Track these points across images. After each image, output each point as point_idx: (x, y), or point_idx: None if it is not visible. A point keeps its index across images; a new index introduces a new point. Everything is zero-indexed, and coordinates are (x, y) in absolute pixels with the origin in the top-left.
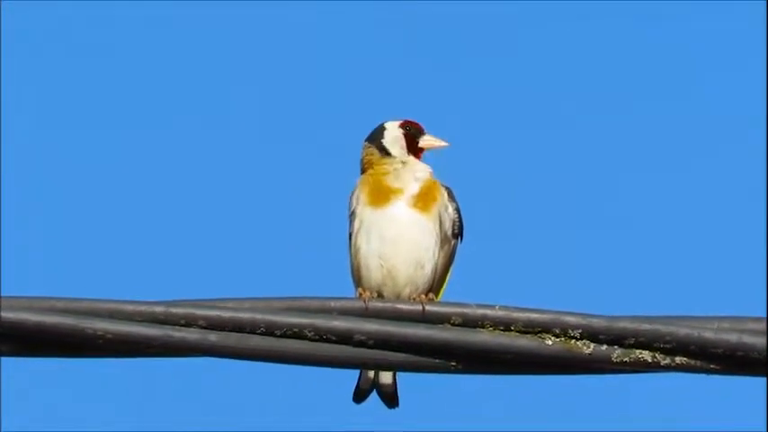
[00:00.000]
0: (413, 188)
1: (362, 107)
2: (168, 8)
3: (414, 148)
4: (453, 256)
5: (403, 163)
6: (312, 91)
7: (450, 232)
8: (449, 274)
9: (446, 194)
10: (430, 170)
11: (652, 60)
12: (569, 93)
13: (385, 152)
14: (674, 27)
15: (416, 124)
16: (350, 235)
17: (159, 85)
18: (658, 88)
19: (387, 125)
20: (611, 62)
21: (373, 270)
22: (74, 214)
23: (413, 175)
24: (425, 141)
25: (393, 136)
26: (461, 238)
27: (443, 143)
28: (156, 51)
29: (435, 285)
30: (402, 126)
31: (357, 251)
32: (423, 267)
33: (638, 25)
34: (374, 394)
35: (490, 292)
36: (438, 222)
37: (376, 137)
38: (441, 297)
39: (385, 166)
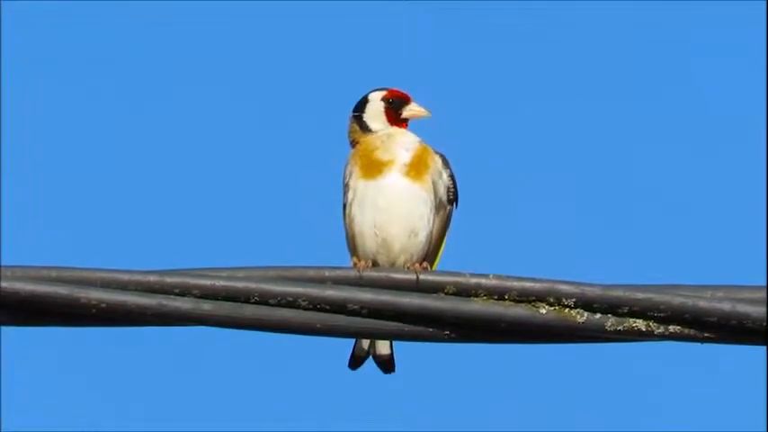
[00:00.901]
0: (404, 157)
1: (358, 73)
2: None
3: (397, 119)
4: (449, 223)
5: (388, 135)
6: (307, 57)
7: (445, 198)
8: (444, 241)
9: (440, 161)
10: (418, 139)
11: (646, 45)
12: (564, 63)
13: (366, 128)
14: (674, 26)
15: (401, 94)
16: (344, 205)
17: (148, 57)
18: (654, 69)
19: (370, 96)
20: (602, 35)
21: (368, 239)
22: (68, 184)
23: (401, 145)
24: (408, 112)
25: (374, 109)
26: (456, 204)
27: (425, 113)
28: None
29: (431, 252)
30: (384, 98)
31: (351, 221)
32: (417, 235)
33: (636, 21)
34: (370, 361)
35: (484, 261)
36: (432, 189)
37: (358, 110)
38: (436, 265)
39: (372, 141)
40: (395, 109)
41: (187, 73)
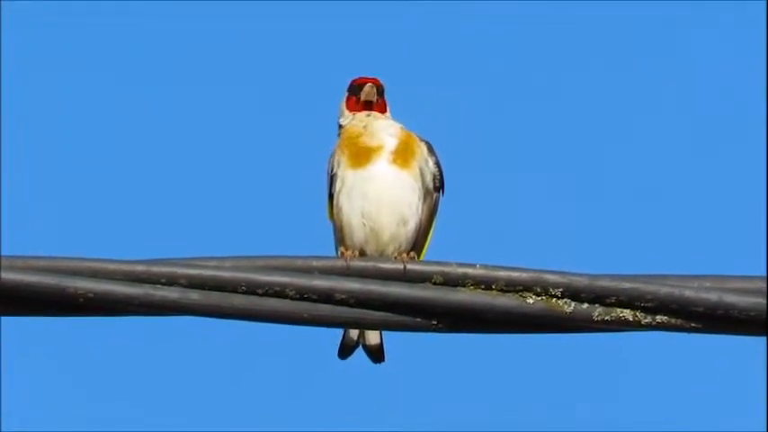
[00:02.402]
0: (390, 145)
1: (341, 63)
2: None
3: (356, 104)
4: (436, 210)
5: (366, 123)
6: (291, 46)
7: (431, 186)
8: (432, 228)
9: (425, 148)
10: (399, 125)
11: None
12: (550, 49)
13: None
14: (674, 26)
15: (361, 80)
16: (331, 196)
17: (130, 46)
18: (643, 60)
19: (361, 80)
20: (586, 22)
21: (356, 229)
22: (55, 174)
23: (384, 131)
24: (362, 95)
25: (342, 100)
26: (443, 191)
27: (368, 92)
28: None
29: (419, 241)
30: (348, 88)
31: (339, 210)
32: (406, 224)
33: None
34: (360, 351)
35: (471, 250)
36: (420, 177)
37: (352, 92)
38: (424, 255)
39: (352, 129)
40: (355, 95)
41: (174, 68)
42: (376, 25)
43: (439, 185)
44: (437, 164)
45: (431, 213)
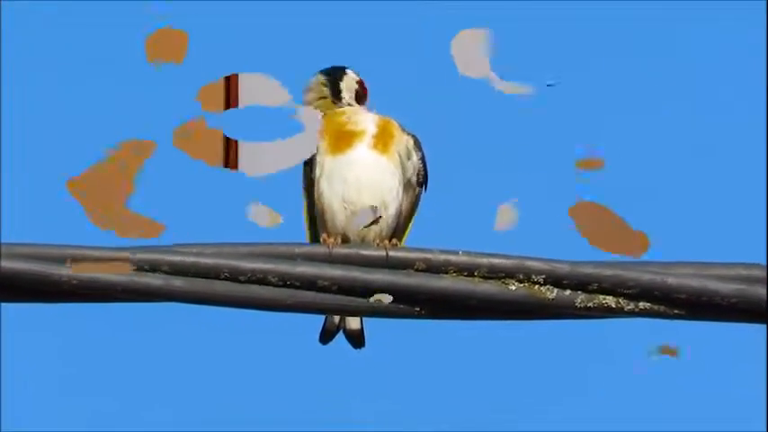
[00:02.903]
0: (370, 130)
1: (330, 55)
2: None
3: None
4: (417, 205)
5: (351, 112)
6: (280, 40)
7: (414, 180)
8: (411, 222)
9: (411, 142)
10: (380, 116)
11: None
12: (536, 36)
13: (337, 94)
14: (674, 26)
15: (366, 89)
16: (311, 181)
17: (123, 35)
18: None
19: (348, 71)
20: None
21: (337, 213)
22: (38, 160)
23: (366, 118)
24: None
25: (350, 82)
26: (426, 188)
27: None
28: None
29: (399, 229)
30: (358, 83)
31: (320, 195)
32: (387, 209)
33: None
34: (341, 335)
35: (453, 237)
36: (399, 162)
37: (334, 75)
38: (404, 242)
39: (336, 116)
40: (360, 93)
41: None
42: (358, 17)
43: (422, 181)
44: (422, 159)
45: (412, 206)
